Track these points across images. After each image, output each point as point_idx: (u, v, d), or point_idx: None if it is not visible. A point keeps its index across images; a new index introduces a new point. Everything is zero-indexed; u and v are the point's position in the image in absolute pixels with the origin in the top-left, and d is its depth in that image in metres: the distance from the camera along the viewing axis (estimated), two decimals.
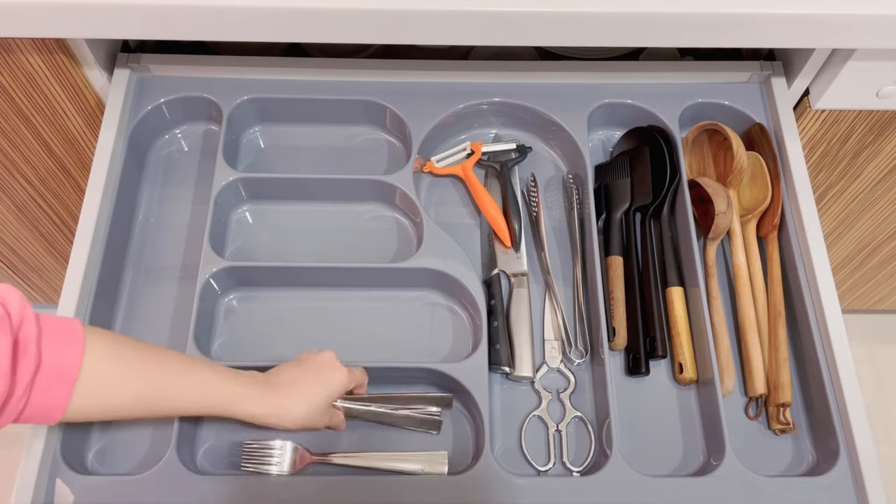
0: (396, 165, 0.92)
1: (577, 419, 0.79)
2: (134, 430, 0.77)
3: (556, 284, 0.85)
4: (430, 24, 0.77)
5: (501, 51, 1.02)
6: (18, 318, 0.54)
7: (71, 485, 0.71)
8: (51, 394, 0.57)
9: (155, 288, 0.85)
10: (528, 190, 0.91)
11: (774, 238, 0.87)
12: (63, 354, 0.57)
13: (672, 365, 0.83)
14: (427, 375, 0.79)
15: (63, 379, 0.57)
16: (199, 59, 0.93)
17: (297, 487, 0.72)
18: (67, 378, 0.57)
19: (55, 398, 0.57)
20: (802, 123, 0.97)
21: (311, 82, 0.93)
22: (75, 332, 0.59)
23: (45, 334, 0.56)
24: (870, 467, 0.73)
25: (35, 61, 0.87)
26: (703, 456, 0.78)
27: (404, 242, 0.89)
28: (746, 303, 0.84)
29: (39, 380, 0.56)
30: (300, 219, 0.90)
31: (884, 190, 1.14)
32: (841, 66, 0.87)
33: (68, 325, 0.59)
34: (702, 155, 0.94)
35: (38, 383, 0.56)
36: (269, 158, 0.94)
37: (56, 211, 1.18)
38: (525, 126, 0.95)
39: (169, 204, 0.90)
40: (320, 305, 0.85)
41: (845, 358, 0.78)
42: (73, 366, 0.57)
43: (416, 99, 0.91)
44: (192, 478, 0.71)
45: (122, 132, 0.88)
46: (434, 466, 0.75)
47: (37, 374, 0.55)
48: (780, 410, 0.78)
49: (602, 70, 0.95)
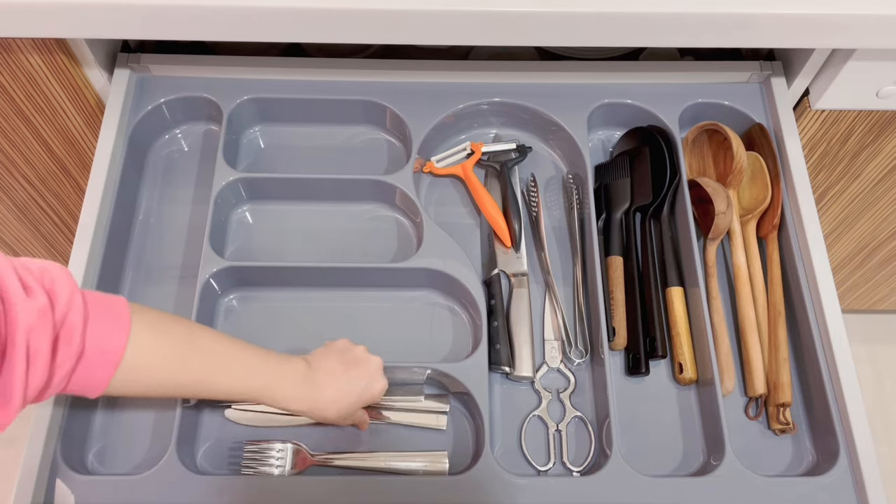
0: (396, 165, 0.92)
1: (577, 419, 0.79)
2: (134, 430, 0.77)
3: (556, 284, 0.85)
4: (430, 24, 0.77)
5: (501, 51, 1.02)
6: (65, 307, 0.54)
7: (71, 485, 0.71)
8: (92, 374, 0.57)
9: (155, 288, 0.85)
10: (528, 190, 0.91)
11: (774, 238, 0.87)
12: (108, 340, 0.57)
13: (672, 365, 0.83)
14: (427, 375, 0.79)
15: (106, 363, 0.57)
16: (199, 59, 0.93)
17: (298, 487, 0.72)
18: (110, 362, 0.57)
19: (96, 379, 0.58)
20: (802, 123, 0.97)
21: (311, 82, 0.93)
22: (122, 317, 0.58)
23: (91, 321, 0.56)
24: (870, 467, 0.73)
25: (35, 61, 0.87)
26: (703, 456, 0.78)
27: (404, 242, 0.89)
28: (746, 303, 0.84)
29: (81, 365, 0.56)
30: (300, 219, 0.90)
31: (884, 190, 1.14)
32: (841, 66, 0.87)
33: (116, 307, 0.59)
34: (702, 155, 0.94)
35: (79, 369, 0.56)
36: (269, 158, 0.94)
37: (56, 211, 1.18)
38: (525, 126, 0.95)
39: (169, 204, 0.90)
40: (320, 305, 0.85)
41: (845, 358, 0.77)
42: (117, 352, 0.57)
43: (416, 99, 0.91)
44: (192, 478, 0.71)
45: (122, 132, 0.88)
46: (434, 466, 0.75)
47: (79, 361, 0.56)
48: (780, 410, 0.78)
49: (602, 70, 0.95)
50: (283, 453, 0.75)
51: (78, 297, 0.55)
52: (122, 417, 0.78)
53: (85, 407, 0.77)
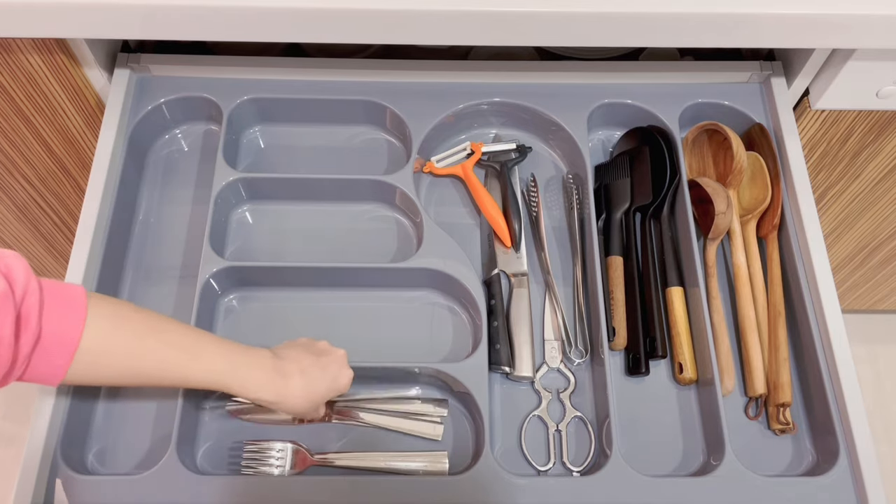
0: (396, 165, 0.92)
1: (577, 419, 0.79)
2: (134, 430, 0.77)
3: (556, 284, 0.85)
4: (430, 24, 0.77)
5: (501, 51, 1.02)
6: (22, 290, 0.55)
7: (71, 485, 0.71)
8: (50, 361, 0.57)
9: (155, 288, 0.85)
10: (528, 190, 0.91)
11: (774, 238, 0.87)
12: (64, 326, 0.57)
13: (672, 365, 0.83)
14: (427, 375, 0.79)
15: (63, 349, 0.57)
16: (199, 59, 0.93)
17: (298, 487, 0.72)
18: (67, 349, 0.57)
19: (54, 366, 0.58)
20: (802, 123, 0.97)
21: (311, 82, 0.93)
22: (78, 302, 0.58)
23: (47, 305, 0.56)
24: (870, 467, 0.73)
25: (35, 61, 0.87)
26: (703, 456, 0.78)
27: (404, 242, 0.89)
28: (746, 303, 0.84)
29: (39, 350, 0.56)
30: (300, 219, 0.90)
31: (884, 190, 1.14)
32: (841, 66, 0.87)
33: (72, 294, 0.59)
34: (702, 155, 0.94)
35: (37, 353, 0.56)
36: (269, 158, 0.94)
37: (56, 211, 1.18)
38: (525, 126, 0.95)
39: (169, 204, 0.90)
40: (320, 305, 0.85)
41: (845, 358, 0.77)
42: (73, 337, 0.57)
43: (416, 99, 0.91)
44: (192, 478, 0.71)
45: (122, 132, 0.88)
46: (434, 466, 0.75)
47: (36, 345, 0.56)
48: (780, 410, 0.78)
49: (602, 70, 0.95)
50: (283, 453, 0.75)
51: (34, 282, 0.56)
52: (122, 417, 0.78)
53: (85, 407, 0.77)
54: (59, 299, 0.58)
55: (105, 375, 0.63)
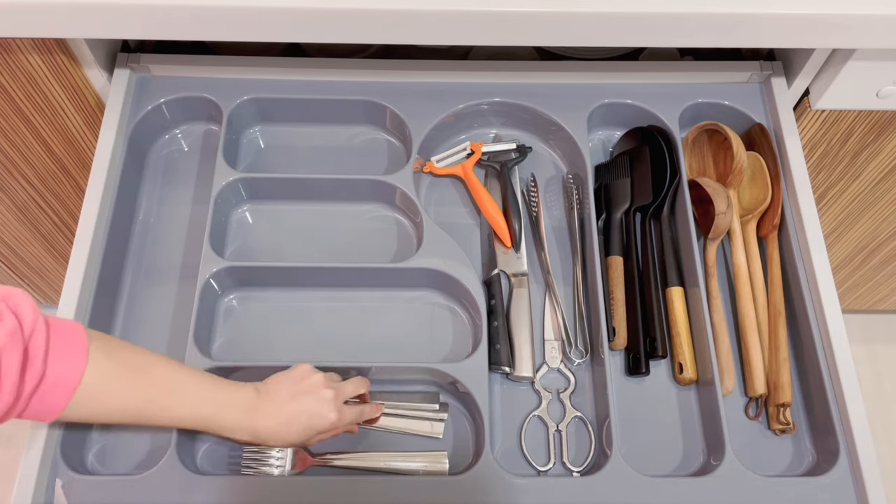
0: (396, 165, 0.92)
1: (577, 419, 0.79)
2: (134, 431, 0.77)
3: (556, 284, 0.85)
4: (430, 24, 0.77)
5: (501, 51, 1.02)
6: (30, 328, 0.56)
7: (71, 485, 0.71)
8: (49, 400, 0.59)
9: (155, 288, 0.85)
10: (528, 190, 0.91)
11: (774, 238, 0.87)
12: (66, 367, 0.59)
13: (672, 365, 0.82)
14: (427, 375, 0.79)
15: (62, 389, 0.59)
16: (199, 59, 0.93)
17: (297, 488, 0.72)
18: (66, 389, 0.59)
19: (52, 404, 0.60)
20: (802, 123, 0.97)
21: (311, 82, 0.93)
22: (80, 345, 0.60)
23: (53, 346, 0.58)
24: (870, 467, 0.73)
25: (35, 61, 0.87)
26: (703, 456, 0.78)
27: (404, 242, 0.89)
28: (746, 303, 0.84)
29: (41, 389, 0.58)
30: (300, 219, 0.90)
31: (884, 190, 1.14)
32: (841, 66, 0.87)
33: (75, 335, 0.60)
34: (702, 155, 0.94)
35: (38, 392, 0.58)
36: (269, 158, 0.94)
37: (56, 211, 1.18)
38: (525, 126, 0.95)
39: (169, 204, 0.90)
40: (320, 305, 0.85)
41: (845, 358, 0.77)
42: (74, 379, 0.59)
43: (416, 99, 0.91)
44: (192, 478, 0.71)
45: (122, 132, 0.88)
46: (434, 466, 0.75)
47: (39, 385, 0.57)
48: (780, 410, 0.78)
49: (602, 70, 0.95)
50: (283, 453, 0.75)
51: (41, 321, 0.58)
52: None
53: None
54: (62, 340, 0.59)
55: (97, 414, 0.65)
